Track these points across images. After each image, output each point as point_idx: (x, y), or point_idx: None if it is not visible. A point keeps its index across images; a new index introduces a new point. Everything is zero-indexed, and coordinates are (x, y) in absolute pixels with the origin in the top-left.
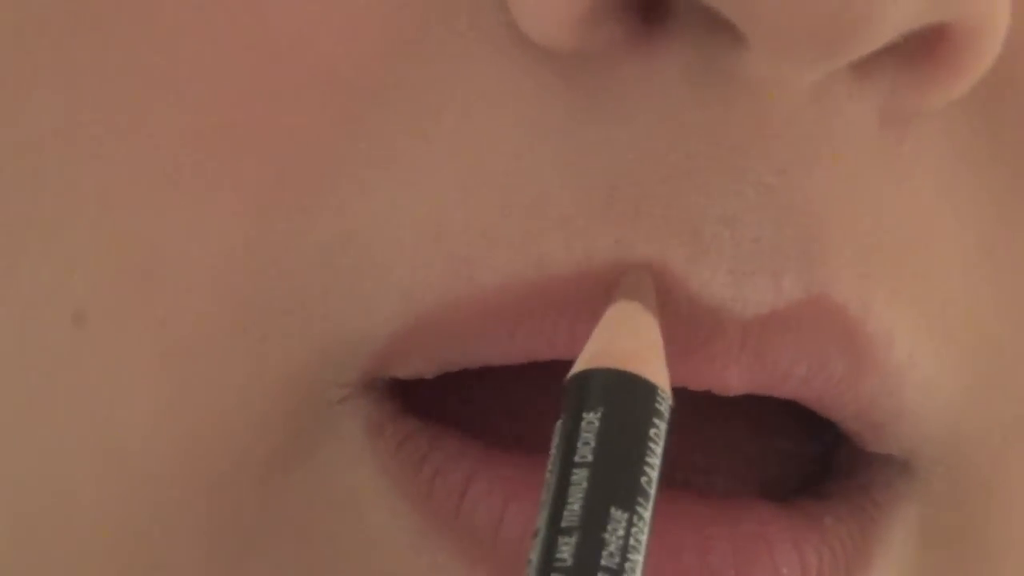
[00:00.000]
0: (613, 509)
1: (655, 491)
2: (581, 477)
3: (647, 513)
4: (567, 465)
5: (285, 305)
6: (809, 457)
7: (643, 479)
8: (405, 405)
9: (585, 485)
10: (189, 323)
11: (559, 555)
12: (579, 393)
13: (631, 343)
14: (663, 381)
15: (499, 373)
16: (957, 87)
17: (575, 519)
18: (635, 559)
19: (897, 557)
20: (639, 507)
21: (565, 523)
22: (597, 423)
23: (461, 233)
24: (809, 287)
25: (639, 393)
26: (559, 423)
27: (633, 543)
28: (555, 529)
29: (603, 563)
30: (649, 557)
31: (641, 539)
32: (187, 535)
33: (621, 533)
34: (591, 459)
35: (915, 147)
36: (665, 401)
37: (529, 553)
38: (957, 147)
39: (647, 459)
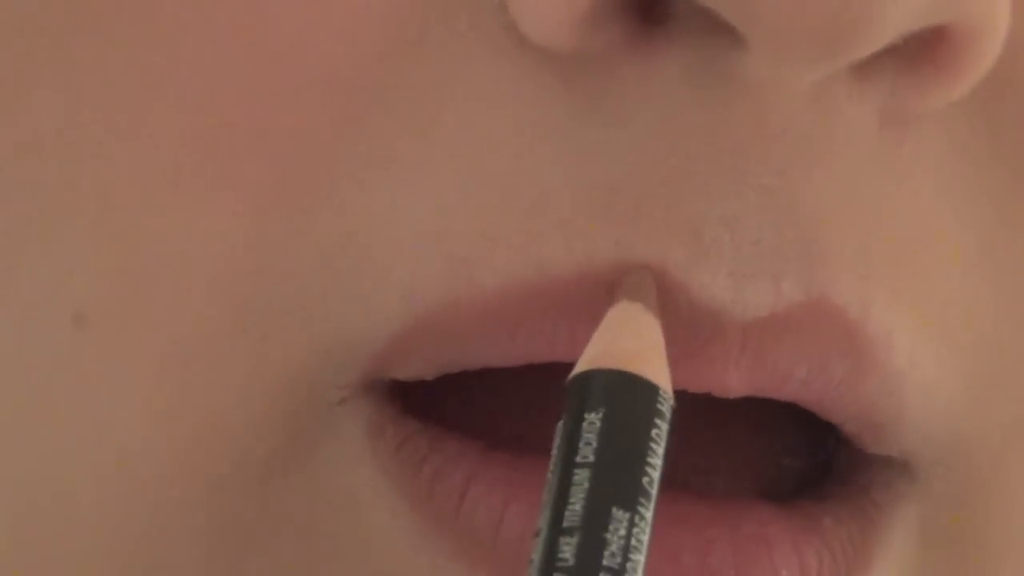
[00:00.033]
0: (615, 509)
1: (657, 491)
2: (583, 477)
3: (649, 513)
4: (569, 465)
5: (285, 306)
6: (809, 458)
7: (644, 479)
8: (405, 406)
9: (587, 485)
10: (189, 324)
11: (561, 555)
12: (581, 393)
13: (633, 344)
14: (665, 382)
15: (499, 374)
16: (957, 88)
17: (577, 519)
18: (637, 559)
19: (897, 558)
20: (641, 507)
21: (567, 523)
22: (599, 423)
23: (461, 234)
24: (809, 289)
25: (641, 394)
26: (561, 423)
27: (635, 543)
28: (557, 529)
29: (605, 563)
30: (649, 559)
31: (643, 539)
32: (187, 535)
33: (623, 533)
34: (593, 459)
35: (915, 148)
36: (667, 402)
37: (531, 553)
38: (957, 148)
39: (648, 459)
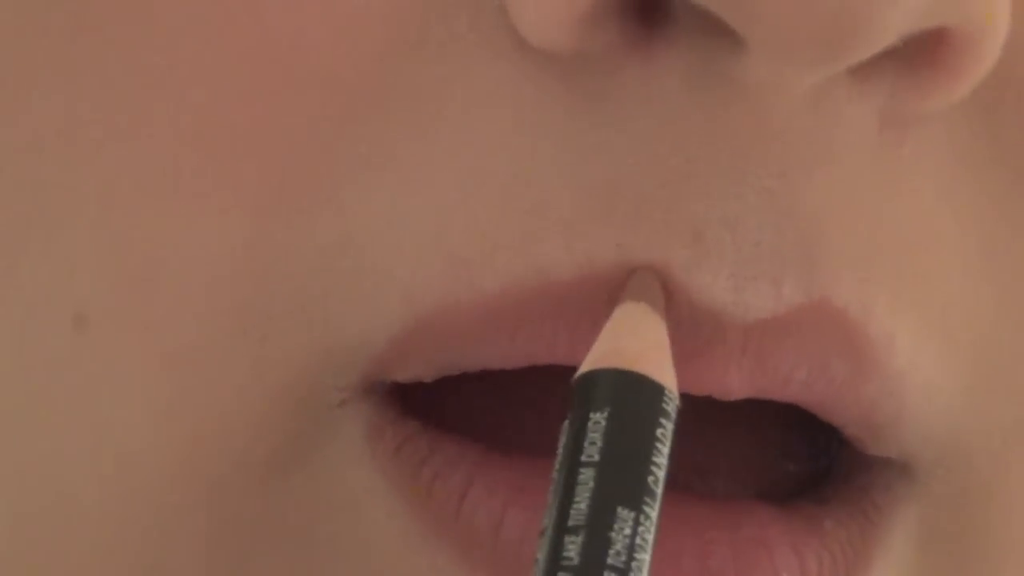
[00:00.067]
0: (620, 508)
1: (662, 491)
2: (588, 477)
3: (654, 513)
4: (574, 464)
5: (285, 307)
6: (809, 460)
7: (650, 479)
8: (404, 408)
9: (592, 484)
10: (189, 325)
11: (566, 554)
12: (586, 393)
13: (638, 344)
14: (670, 381)
15: (499, 376)
16: (957, 91)
17: (582, 518)
18: (642, 558)
19: (897, 560)
20: (646, 506)
21: (572, 522)
22: (604, 423)
23: (461, 235)
24: (810, 291)
25: (646, 393)
26: (566, 423)
27: (640, 542)
28: (562, 528)
29: (610, 562)
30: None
31: (648, 538)
32: (187, 536)
33: (628, 532)
34: (598, 459)
35: (915, 150)
36: (672, 401)
37: (536, 552)
38: (957, 149)
39: (654, 459)
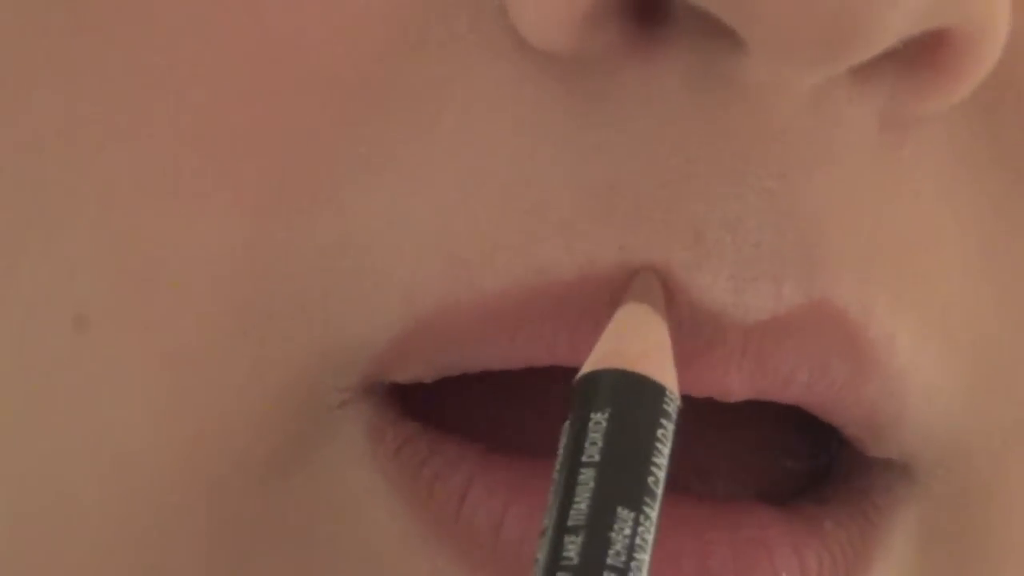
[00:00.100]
0: (620, 508)
1: (662, 491)
2: (588, 477)
3: (654, 513)
4: (575, 464)
5: (285, 308)
6: (809, 461)
7: (650, 479)
8: (404, 409)
9: (592, 485)
10: (189, 325)
11: (566, 553)
12: (587, 393)
13: (639, 344)
14: (671, 382)
15: (499, 377)
16: (958, 92)
17: (582, 518)
18: (641, 558)
19: (897, 561)
20: (646, 507)
21: (572, 522)
22: (605, 423)
23: (461, 235)
24: (810, 292)
25: (647, 394)
26: (567, 423)
27: (639, 542)
28: (562, 528)
29: (609, 562)
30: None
31: (648, 538)
32: (187, 537)
33: (627, 532)
34: (598, 459)
35: (915, 151)
36: (673, 402)
37: (536, 552)
38: (957, 150)
39: (654, 459)
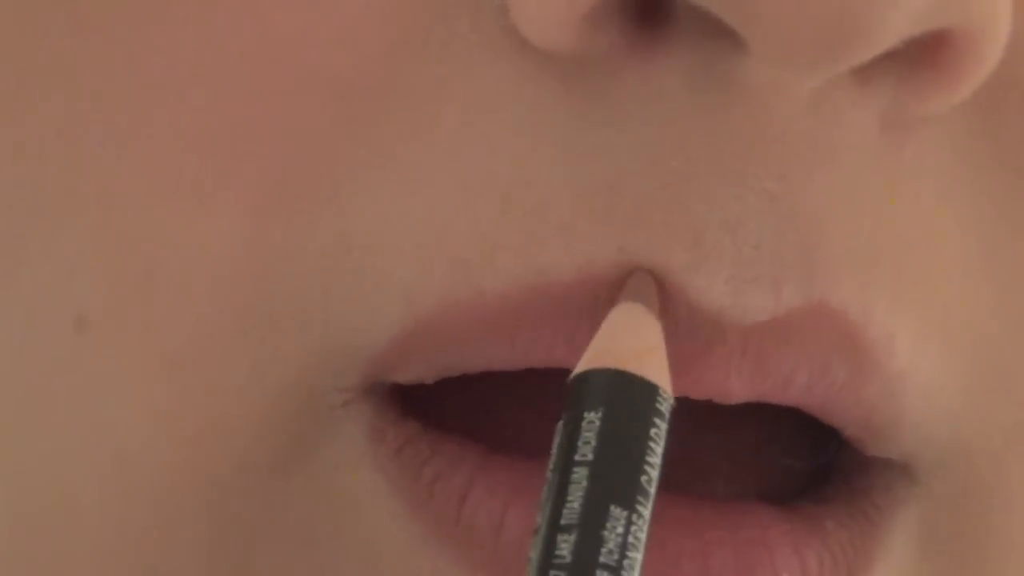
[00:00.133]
0: (613, 507)
1: (655, 490)
2: (581, 475)
3: (647, 512)
4: (568, 463)
5: (286, 308)
6: (809, 461)
7: (643, 478)
8: (405, 409)
9: (585, 483)
10: (190, 326)
11: (558, 552)
12: (581, 393)
13: (633, 344)
14: (664, 381)
15: (500, 377)
16: (959, 92)
17: (575, 517)
18: (634, 556)
19: (898, 561)
20: (639, 505)
21: (565, 521)
22: (598, 422)
23: (462, 236)
24: (809, 294)
25: (640, 393)
26: (561, 422)
27: (632, 541)
28: (555, 527)
29: (602, 560)
30: (649, 564)
31: (640, 537)
32: (188, 537)
33: (620, 531)
34: (591, 458)
35: (916, 152)
36: (666, 401)
37: (529, 551)
38: (958, 150)
39: (647, 458)
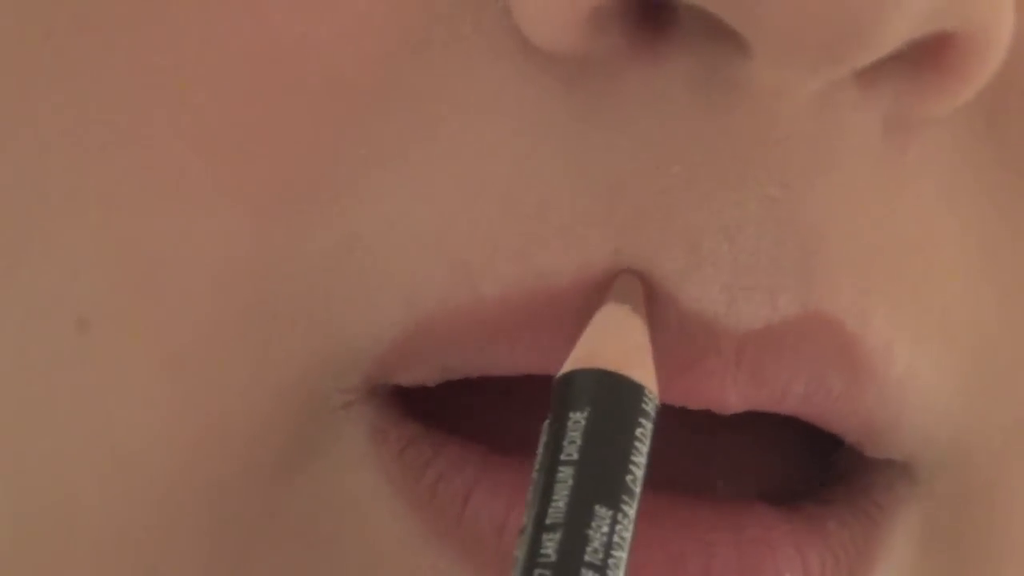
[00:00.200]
0: (598, 507)
1: (640, 490)
2: (567, 475)
3: (632, 511)
4: (553, 463)
5: (288, 310)
6: (811, 461)
7: (628, 478)
8: (407, 411)
9: (570, 483)
10: (192, 328)
11: (543, 551)
12: (567, 393)
13: (619, 344)
14: (650, 381)
15: (501, 379)
16: (962, 94)
17: (560, 516)
18: (619, 555)
19: (899, 560)
20: (624, 505)
21: (550, 520)
22: (584, 422)
23: (463, 238)
24: (806, 303)
25: (626, 393)
26: (547, 422)
27: (617, 540)
28: (540, 526)
29: (587, 559)
30: (651, 564)
31: (625, 536)
32: (190, 538)
33: (605, 530)
34: (577, 457)
35: (919, 154)
36: (651, 401)
37: (515, 550)
38: (960, 152)
39: (633, 458)
